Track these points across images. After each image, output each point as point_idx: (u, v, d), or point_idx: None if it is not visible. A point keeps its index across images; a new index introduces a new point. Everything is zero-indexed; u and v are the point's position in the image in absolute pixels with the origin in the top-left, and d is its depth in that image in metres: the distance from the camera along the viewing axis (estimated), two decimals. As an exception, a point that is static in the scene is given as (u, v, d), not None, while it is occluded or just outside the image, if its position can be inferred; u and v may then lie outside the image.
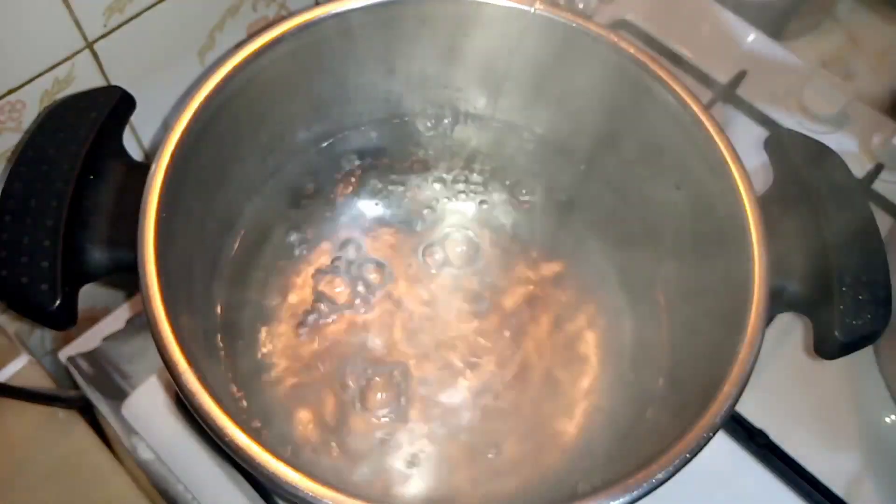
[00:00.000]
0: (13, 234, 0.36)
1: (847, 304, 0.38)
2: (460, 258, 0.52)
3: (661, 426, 0.42)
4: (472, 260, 0.52)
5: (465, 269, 0.52)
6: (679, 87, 0.44)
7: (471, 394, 0.47)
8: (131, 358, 0.52)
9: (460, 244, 0.53)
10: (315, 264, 0.51)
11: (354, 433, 0.46)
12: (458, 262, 0.52)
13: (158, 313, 0.35)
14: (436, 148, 0.55)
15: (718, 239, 0.43)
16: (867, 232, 0.40)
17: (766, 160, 0.45)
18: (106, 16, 0.44)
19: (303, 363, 0.47)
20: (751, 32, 0.69)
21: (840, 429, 0.53)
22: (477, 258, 0.52)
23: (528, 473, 0.45)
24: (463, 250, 0.53)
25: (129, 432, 0.49)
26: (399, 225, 0.53)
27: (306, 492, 0.32)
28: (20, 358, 0.51)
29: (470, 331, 0.50)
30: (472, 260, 0.52)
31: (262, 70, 0.44)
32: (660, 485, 0.34)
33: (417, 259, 0.52)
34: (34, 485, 0.47)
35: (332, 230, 0.52)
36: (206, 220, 0.45)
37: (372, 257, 0.51)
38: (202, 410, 0.34)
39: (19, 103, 0.44)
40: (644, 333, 0.49)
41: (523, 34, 0.47)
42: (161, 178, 0.38)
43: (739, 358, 0.37)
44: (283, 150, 0.50)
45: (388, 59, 0.50)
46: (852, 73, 0.77)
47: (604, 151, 0.51)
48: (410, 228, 0.53)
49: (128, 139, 0.49)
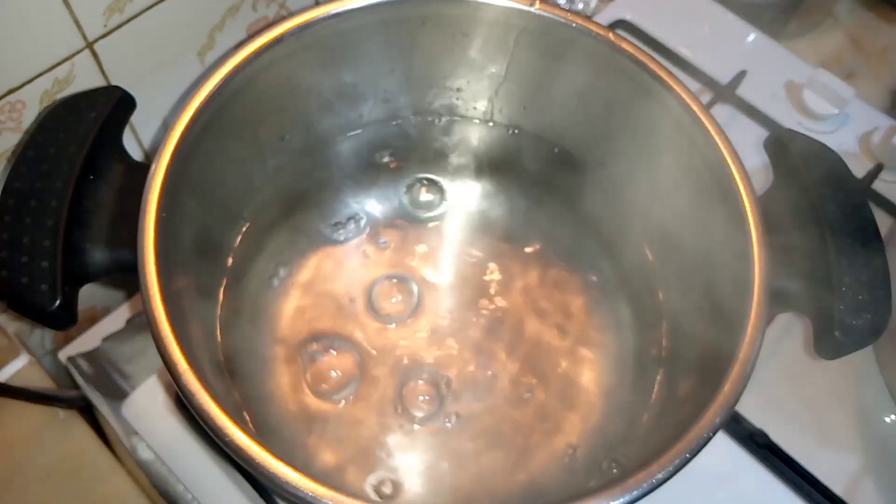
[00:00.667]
0: (13, 234, 0.36)
1: (847, 304, 0.38)
2: (460, 258, 0.52)
3: (661, 427, 0.42)
4: (471, 260, 0.52)
5: (464, 269, 0.52)
6: (679, 87, 0.44)
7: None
8: (131, 358, 0.52)
9: (460, 245, 0.53)
10: (315, 264, 0.51)
11: (357, 433, 0.46)
12: (457, 262, 0.52)
13: (158, 313, 0.35)
14: (436, 148, 0.55)
15: (718, 239, 0.43)
16: (867, 232, 0.40)
17: (766, 160, 0.45)
18: (106, 16, 0.44)
19: (306, 360, 0.47)
20: (751, 32, 0.69)
21: (840, 429, 0.53)
22: (476, 258, 0.52)
23: (531, 473, 0.45)
24: (462, 250, 0.53)
25: (129, 432, 0.49)
26: (399, 226, 0.53)
27: (306, 492, 0.32)
28: (20, 358, 0.51)
29: (473, 335, 0.50)
30: (471, 260, 0.52)
31: (262, 70, 0.44)
32: (660, 485, 0.34)
33: (417, 260, 0.52)
34: (34, 485, 0.47)
35: (332, 230, 0.52)
36: (207, 221, 0.45)
37: (375, 257, 0.52)
38: (202, 410, 0.34)
39: (19, 103, 0.44)
40: (644, 333, 0.49)
41: (523, 34, 0.47)
42: (161, 178, 0.38)
43: (739, 358, 0.37)
44: (283, 151, 0.50)
45: (388, 60, 0.50)
46: (852, 73, 0.77)
47: (603, 151, 0.51)
48: (410, 229, 0.53)
49: (128, 139, 0.49)
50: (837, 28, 0.79)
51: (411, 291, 0.51)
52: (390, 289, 0.51)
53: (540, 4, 0.46)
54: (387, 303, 0.50)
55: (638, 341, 0.49)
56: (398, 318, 0.50)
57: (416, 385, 0.47)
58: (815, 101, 0.63)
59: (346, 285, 0.50)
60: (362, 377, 0.47)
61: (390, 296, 0.50)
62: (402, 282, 0.51)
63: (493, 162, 0.55)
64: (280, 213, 0.51)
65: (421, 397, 0.47)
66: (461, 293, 0.51)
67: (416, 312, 0.50)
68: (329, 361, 0.48)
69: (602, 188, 0.52)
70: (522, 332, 0.50)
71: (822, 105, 0.63)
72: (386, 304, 0.50)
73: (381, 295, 0.50)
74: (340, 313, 0.49)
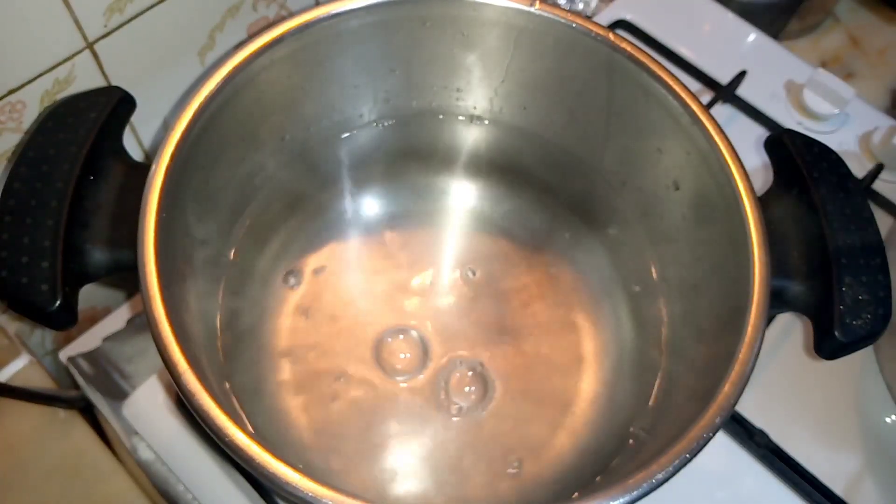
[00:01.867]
0: (13, 235, 0.36)
1: (847, 304, 0.38)
2: (459, 259, 0.52)
3: (660, 427, 0.42)
4: (470, 261, 0.52)
5: (464, 268, 0.52)
6: (679, 87, 0.44)
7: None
8: (131, 358, 0.52)
9: (459, 244, 0.53)
10: (315, 265, 0.51)
11: (357, 433, 0.46)
12: (457, 261, 0.52)
13: (158, 313, 0.35)
14: (436, 149, 0.55)
15: (718, 239, 0.43)
16: (867, 232, 0.40)
17: (766, 160, 0.45)
18: (106, 16, 0.44)
19: (305, 363, 0.47)
20: (751, 32, 0.69)
21: (840, 429, 0.53)
22: (476, 259, 0.52)
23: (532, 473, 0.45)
24: (461, 250, 0.53)
25: (130, 432, 0.49)
26: (399, 226, 0.53)
27: (306, 492, 0.32)
28: (20, 358, 0.51)
29: (471, 329, 0.50)
30: (470, 261, 0.52)
31: (262, 70, 0.44)
32: (660, 485, 0.34)
33: (417, 258, 0.52)
34: (34, 485, 0.47)
35: (332, 231, 0.52)
36: (207, 220, 0.45)
37: (375, 257, 0.52)
38: (202, 410, 0.34)
39: (20, 103, 0.44)
40: (644, 333, 0.49)
41: (523, 34, 0.47)
42: (161, 178, 0.38)
43: (739, 358, 0.37)
44: (283, 151, 0.50)
45: (388, 60, 0.50)
46: (852, 73, 0.77)
47: (603, 151, 0.51)
48: (411, 229, 0.53)
49: (128, 139, 0.49)
50: (837, 28, 0.79)
51: (412, 289, 0.51)
52: (394, 288, 0.51)
53: (540, 4, 0.46)
54: (393, 304, 0.50)
55: (638, 341, 0.49)
56: (400, 320, 0.50)
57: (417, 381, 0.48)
58: (815, 101, 0.63)
59: (348, 285, 0.50)
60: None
61: (396, 295, 0.50)
62: (404, 280, 0.51)
63: (493, 162, 0.55)
64: (280, 213, 0.51)
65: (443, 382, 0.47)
66: (460, 292, 0.51)
67: (417, 311, 0.50)
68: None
69: (602, 188, 0.52)
70: (522, 331, 0.50)
71: (822, 105, 0.63)
72: (392, 305, 0.50)
73: (387, 295, 0.50)
74: (343, 314, 0.49)
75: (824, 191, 0.41)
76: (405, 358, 0.48)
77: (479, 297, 0.51)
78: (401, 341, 0.49)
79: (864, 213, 0.41)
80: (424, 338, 0.49)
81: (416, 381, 0.48)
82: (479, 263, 0.52)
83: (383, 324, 0.49)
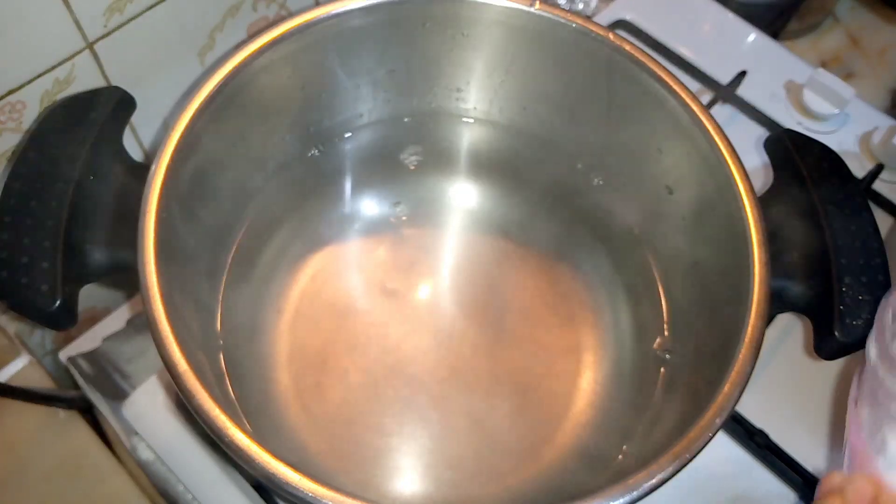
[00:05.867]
0: (13, 235, 0.36)
1: (847, 304, 0.38)
2: (458, 259, 0.52)
3: (660, 427, 0.42)
4: (470, 261, 0.52)
5: (464, 268, 0.52)
6: (679, 87, 0.44)
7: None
8: (131, 358, 0.52)
9: (459, 244, 0.53)
10: (315, 265, 0.51)
11: (357, 433, 0.46)
12: (457, 260, 0.52)
13: (158, 313, 0.35)
14: (436, 148, 0.55)
15: (718, 239, 0.43)
16: (867, 232, 0.40)
17: (766, 160, 0.45)
18: (106, 16, 0.44)
19: (305, 363, 0.47)
20: (751, 32, 0.69)
21: (840, 429, 0.52)
22: (476, 259, 0.52)
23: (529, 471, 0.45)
24: (461, 251, 0.53)
25: (130, 432, 0.49)
26: (399, 226, 0.53)
27: (306, 492, 0.32)
28: (20, 358, 0.51)
29: (472, 329, 0.50)
30: (470, 261, 0.52)
31: (262, 70, 0.44)
32: (660, 485, 0.34)
33: (416, 257, 0.52)
34: (34, 485, 0.47)
35: (332, 231, 0.52)
36: (207, 220, 0.45)
37: (375, 258, 0.52)
38: (202, 410, 0.34)
39: (20, 104, 0.44)
40: (644, 333, 0.49)
41: (523, 34, 0.48)
42: (161, 178, 0.38)
43: (739, 358, 0.37)
44: (283, 151, 0.50)
45: (388, 60, 0.50)
46: (852, 73, 0.77)
47: (603, 151, 0.51)
48: (411, 229, 0.53)
49: (128, 139, 0.49)
50: (837, 28, 0.80)
51: (412, 289, 0.51)
52: (394, 288, 0.51)
53: (540, 4, 0.46)
54: (393, 304, 0.50)
55: (638, 341, 0.49)
56: (400, 320, 0.50)
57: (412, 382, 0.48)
58: (815, 101, 0.63)
59: (348, 285, 0.50)
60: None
61: (396, 295, 0.50)
62: (404, 279, 0.51)
63: (493, 162, 0.55)
64: (280, 213, 0.51)
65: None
66: (460, 291, 0.51)
67: (417, 311, 0.50)
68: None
69: (602, 188, 0.52)
70: (522, 331, 0.50)
71: (822, 105, 0.63)
72: (392, 305, 0.50)
73: (387, 295, 0.50)
74: (343, 314, 0.49)
75: (824, 191, 0.41)
76: (405, 357, 0.48)
77: (479, 298, 0.51)
78: (401, 341, 0.49)
79: (864, 214, 0.41)
80: (424, 337, 0.49)
81: (416, 380, 0.48)
82: (479, 263, 0.52)
83: (383, 324, 0.49)
